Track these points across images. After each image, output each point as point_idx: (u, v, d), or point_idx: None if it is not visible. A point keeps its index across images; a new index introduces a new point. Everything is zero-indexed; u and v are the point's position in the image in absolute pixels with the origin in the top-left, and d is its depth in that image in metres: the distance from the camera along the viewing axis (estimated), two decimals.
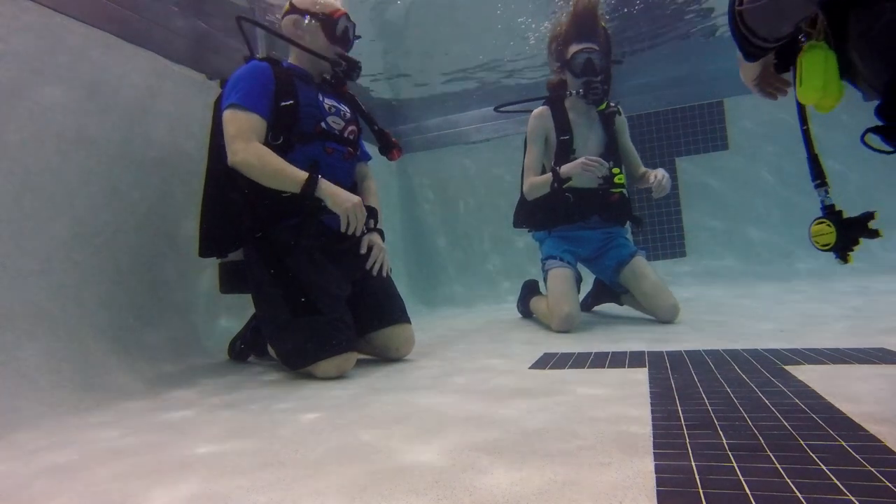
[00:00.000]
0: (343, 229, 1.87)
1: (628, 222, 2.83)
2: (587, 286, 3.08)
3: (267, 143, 1.89)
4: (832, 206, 1.01)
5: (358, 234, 1.91)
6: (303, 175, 1.82)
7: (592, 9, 2.58)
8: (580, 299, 3.08)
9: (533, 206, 2.79)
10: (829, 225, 0.99)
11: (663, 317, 2.49)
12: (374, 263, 2.06)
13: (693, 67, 4.54)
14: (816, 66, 0.92)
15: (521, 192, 2.86)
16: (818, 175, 1.04)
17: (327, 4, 2.07)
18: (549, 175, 2.62)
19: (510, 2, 3.77)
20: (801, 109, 1.06)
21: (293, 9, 2.07)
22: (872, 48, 0.86)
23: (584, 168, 2.48)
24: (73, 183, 1.98)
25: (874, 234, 0.95)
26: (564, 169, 2.56)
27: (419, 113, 5.18)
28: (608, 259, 2.73)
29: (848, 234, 0.97)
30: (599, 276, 2.95)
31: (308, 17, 2.04)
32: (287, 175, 1.82)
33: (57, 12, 2.00)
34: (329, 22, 2.04)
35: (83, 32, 2.09)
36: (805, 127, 1.05)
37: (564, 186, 2.61)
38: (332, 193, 1.85)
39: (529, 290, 3.12)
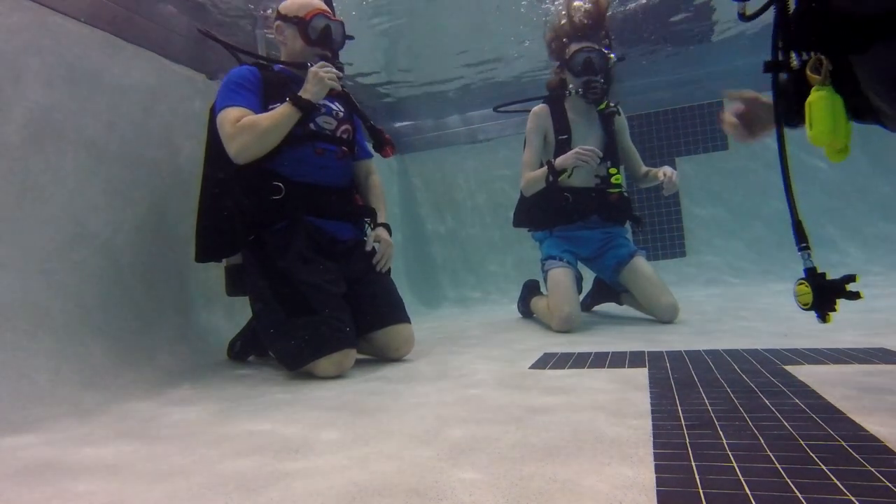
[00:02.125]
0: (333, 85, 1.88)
1: (628, 222, 2.83)
2: (587, 286, 3.08)
3: None
4: (813, 268, 1.05)
5: (338, 77, 1.89)
6: (287, 105, 1.83)
7: (593, 8, 2.57)
8: (581, 299, 3.08)
9: (532, 206, 2.79)
10: (807, 286, 1.03)
11: (663, 316, 2.49)
12: (380, 259, 2.07)
13: (693, 67, 4.54)
14: (825, 109, 0.96)
15: (520, 195, 2.87)
16: (802, 239, 1.08)
17: (305, 6, 2.03)
18: (544, 169, 2.61)
19: (511, 3, 3.77)
20: (786, 176, 1.10)
21: (277, 15, 2.08)
22: (883, 85, 0.92)
23: (577, 158, 2.48)
24: (73, 183, 1.98)
25: (854, 295, 0.98)
26: (559, 161, 2.56)
27: (419, 113, 5.18)
28: (608, 259, 2.73)
29: (825, 296, 1.01)
30: (599, 276, 2.96)
31: (286, 21, 2.04)
32: (279, 116, 1.83)
33: (56, 12, 2.00)
34: (302, 24, 2.00)
35: (83, 32, 2.09)
36: (789, 193, 1.09)
37: (563, 185, 2.62)
38: (310, 84, 1.86)
39: (530, 290, 3.12)
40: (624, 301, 2.87)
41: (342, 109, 2.14)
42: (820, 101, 0.96)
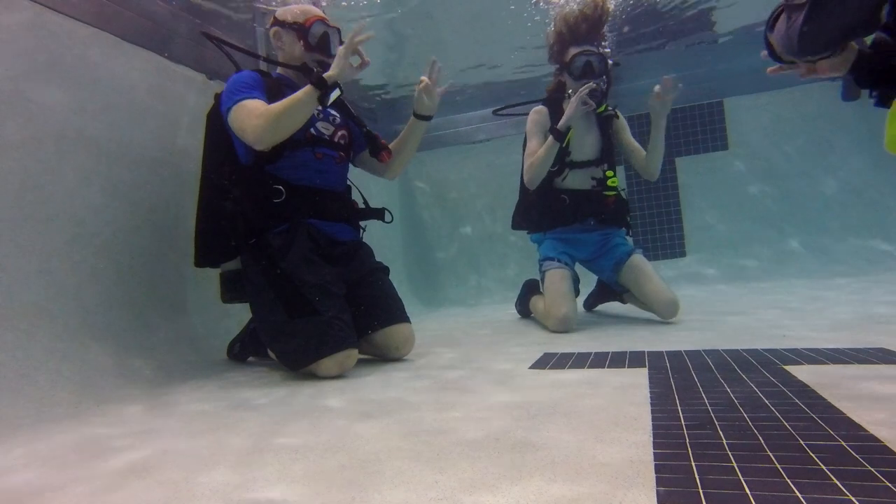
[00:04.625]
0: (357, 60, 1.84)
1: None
2: (588, 287, 3.08)
3: (256, 152, 1.91)
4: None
5: (357, 39, 1.79)
6: (308, 87, 1.77)
7: (594, 12, 2.57)
8: (584, 299, 3.08)
9: (530, 208, 2.79)
10: None
11: (663, 313, 2.48)
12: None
13: (693, 67, 4.54)
14: None
15: (521, 189, 2.85)
16: None
17: (304, 12, 2.05)
18: (548, 141, 2.55)
19: (512, 4, 3.78)
20: None
21: (274, 21, 2.08)
22: None
23: (576, 107, 2.46)
24: (73, 183, 1.98)
25: None
26: (560, 123, 2.53)
27: None
28: (606, 260, 2.73)
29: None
30: (599, 277, 2.95)
31: (285, 27, 2.05)
32: (297, 101, 1.77)
33: (57, 12, 2.00)
34: (302, 29, 2.02)
35: (83, 32, 2.09)
36: None
37: (559, 188, 2.64)
38: (335, 65, 1.80)
39: (529, 289, 3.11)
40: (627, 300, 2.86)
41: (338, 115, 2.15)
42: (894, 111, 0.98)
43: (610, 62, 2.64)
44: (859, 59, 1.17)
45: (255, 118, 1.80)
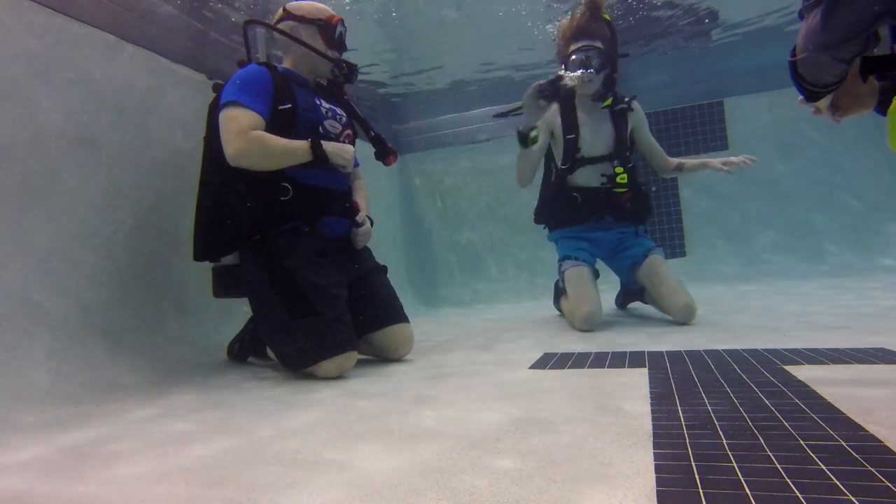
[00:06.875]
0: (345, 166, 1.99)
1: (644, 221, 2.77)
2: (614, 284, 3.05)
3: None
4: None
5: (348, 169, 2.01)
6: (305, 143, 1.87)
7: (593, 6, 2.57)
8: (615, 298, 3.07)
9: (543, 206, 2.82)
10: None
11: (677, 317, 2.42)
12: (358, 236, 2.12)
13: (693, 67, 4.54)
14: None
15: (541, 185, 2.86)
16: None
17: (322, 10, 2.09)
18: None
19: (513, 3, 3.78)
20: None
21: (288, 15, 2.07)
22: None
23: (531, 100, 2.33)
24: (73, 183, 1.98)
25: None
26: (523, 125, 2.50)
27: (420, 112, 5.18)
28: (623, 259, 2.70)
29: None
30: (617, 275, 2.91)
31: (304, 22, 2.05)
32: (293, 148, 1.86)
33: (57, 12, 2.00)
34: (328, 27, 2.06)
35: (83, 32, 2.09)
36: None
37: (571, 185, 2.64)
38: (333, 149, 1.92)
39: (560, 289, 3.08)
40: (648, 300, 2.79)
41: (344, 115, 2.15)
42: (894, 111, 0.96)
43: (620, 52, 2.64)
44: (883, 92, 1.15)
45: (247, 140, 1.82)
